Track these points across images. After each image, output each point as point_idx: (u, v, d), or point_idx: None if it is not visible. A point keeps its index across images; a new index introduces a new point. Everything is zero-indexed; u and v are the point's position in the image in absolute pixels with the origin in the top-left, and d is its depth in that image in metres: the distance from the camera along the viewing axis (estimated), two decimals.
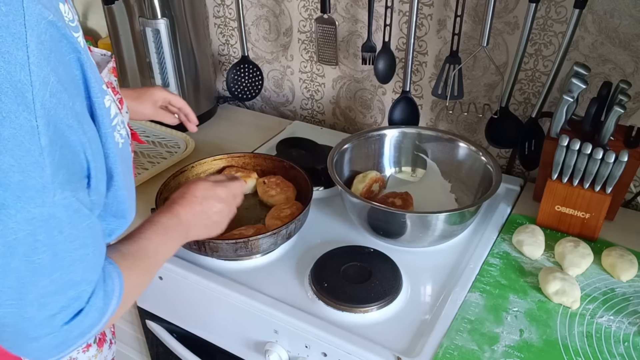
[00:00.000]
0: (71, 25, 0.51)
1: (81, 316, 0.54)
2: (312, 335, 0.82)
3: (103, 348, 0.81)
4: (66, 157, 0.50)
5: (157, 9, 1.22)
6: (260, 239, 0.88)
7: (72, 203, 0.51)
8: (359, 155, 1.12)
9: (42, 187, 0.47)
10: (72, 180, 0.51)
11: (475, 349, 0.77)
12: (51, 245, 0.50)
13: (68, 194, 0.50)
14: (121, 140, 0.61)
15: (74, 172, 0.51)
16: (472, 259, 0.94)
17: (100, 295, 0.56)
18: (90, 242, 0.54)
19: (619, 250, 0.92)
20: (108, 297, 0.57)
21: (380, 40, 1.17)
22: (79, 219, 0.52)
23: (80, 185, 0.53)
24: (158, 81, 1.30)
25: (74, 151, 0.51)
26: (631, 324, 0.81)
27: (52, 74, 0.47)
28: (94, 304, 0.55)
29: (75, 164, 0.51)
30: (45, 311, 0.51)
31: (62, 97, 0.48)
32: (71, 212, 0.51)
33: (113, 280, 0.58)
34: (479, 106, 1.20)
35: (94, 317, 0.55)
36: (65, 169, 0.50)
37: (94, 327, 0.56)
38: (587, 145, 0.89)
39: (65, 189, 0.50)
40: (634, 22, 0.97)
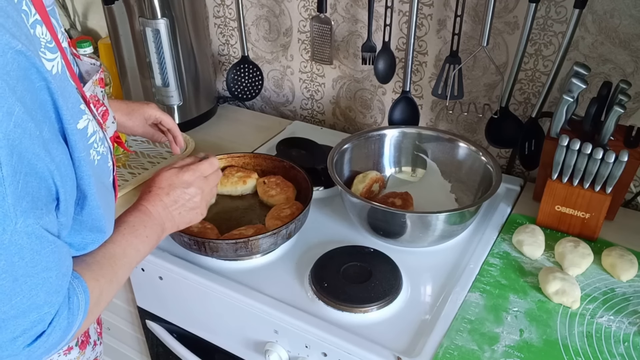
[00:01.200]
0: (49, 47, 0.52)
1: (44, 337, 0.54)
2: (312, 335, 0.82)
3: (85, 350, 0.80)
4: (31, 185, 0.49)
5: (157, 9, 1.22)
6: (260, 239, 0.88)
7: (35, 230, 0.50)
8: (359, 155, 1.12)
9: (3, 215, 0.47)
10: (37, 207, 0.51)
11: (475, 349, 0.77)
12: (11, 271, 0.49)
13: (31, 222, 0.50)
14: (97, 157, 0.61)
15: (39, 198, 0.51)
16: (472, 259, 0.94)
17: (64, 315, 0.55)
18: (53, 265, 0.53)
19: (619, 250, 0.92)
20: (73, 315, 0.56)
21: (380, 40, 1.17)
22: (42, 245, 0.52)
23: (47, 210, 0.53)
24: (158, 81, 1.31)
25: (40, 177, 0.51)
26: (631, 324, 0.81)
27: (18, 104, 0.46)
28: (58, 325, 0.55)
29: (42, 189, 0.51)
30: (6, 334, 0.51)
31: (28, 127, 0.48)
32: (34, 238, 0.50)
33: (78, 297, 0.57)
34: (479, 106, 1.20)
35: (57, 336, 0.55)
36: (30, 197, 0.49)
37: (59, 344, 0.56)
38: (587, 145, 0.89)
39: (29, 216, 0.49)
40: (634, 22, 0.97)
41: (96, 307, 0.62)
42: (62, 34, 0.59)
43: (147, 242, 0.72)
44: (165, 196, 0.76)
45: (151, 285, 1.01)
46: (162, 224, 0.75)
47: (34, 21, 0.51)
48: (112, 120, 0.71)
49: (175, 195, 0.77)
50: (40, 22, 0.52)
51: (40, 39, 0.51)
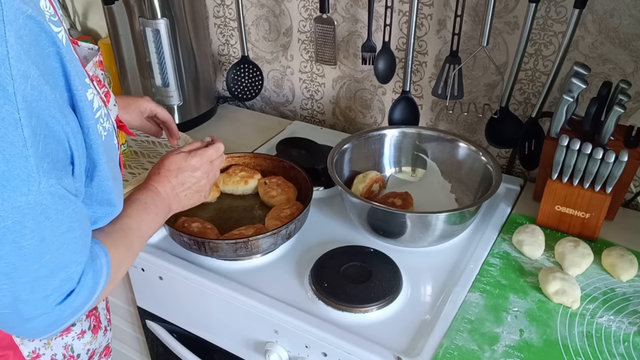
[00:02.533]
0: (53, 20, 0.52)
1: (73, 296, 0.56)
2: (312, 335, 0.82)
3: (98, 335, 0.81)
4: (50, 147, 0.51)
5: (157, 9, 1.22)
6: (260, 239, 0.88)
7: (57, 190, 0.52)
8: (359, 155, 1.12)
9: (27, 176, 0.49)
10: (57, 168, 0.53)
11: (476, 349, 0.77)
12: (39, 230, 0.51)
13: (53, 182, 0.52)
14: (104, 132, 0.62)
15: (58, 160, 0.53)
16: (472, 259, 0.94)
17: (90, 275, 0.58)
18: (77, 225, 0.56)
19: (619, 250, 0.92)
20: (97, 276, 0.59)
21: (380, 40, 1.17)
22: (65, 205, 0.54)
23: (65, 172, 0.55)
24: (158, 81, 1.31)
25: (58, 140, 0.52)
26: (631, 324, 0.81)
27: (33, 67, 0.48)
28: (85, 284, 0.57)
29: (60, 152, 0.53)
30: (38, 293, 0.54)
31: (43, 89, 0.49)
32: (57, 198, 0.52)
33: (100, 260, 0.60)
34: (479, 106, 1.20)
35: (85, 296, 0.58)
36: (50, 158, 0.51)
37: (86, 304, 0.59)
38: (587, 145, 0.89)
39: (51, 176, 0.51)
40: (634, 22, 0.97)
41: (116, 274, 0.64)
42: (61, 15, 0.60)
43: (156, 220, 0.76)
44: (174, 178, 0.80)
45: (151, 285, 1.01)
46: (169, 204, 0.79)
47: None
48: (113, 103, 0.72)
49: (182, 178, 0.81)
50: None
51: (45, 12, 0.52)
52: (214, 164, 0.86)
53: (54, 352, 0.74)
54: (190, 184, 0.82)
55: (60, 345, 0.75)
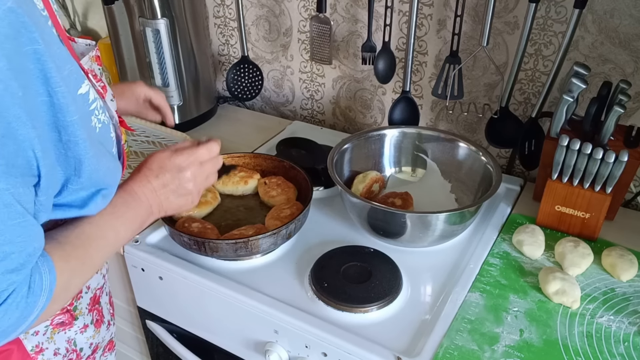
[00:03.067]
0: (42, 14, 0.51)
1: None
2: (312, 335, 0.82)
3: (100, 329, 0.81)
4: (7, 149, 0.48)
5: (157, 9, 1.22)
6: (260, 239, 0.88)
7: (4, 197, 0.48)
8: (359, 155, 1.12)
9: None
10: (12, 174, 0.49)
11: (476, 349, 0.77)
12: None
13: (2, 186, 0.48)
14: (99, 125, 0.60)
15: (14, 166, 0.49)
16: (472, 259, 0.94)
17: (22, 294, 0.52)
18: (18, 241, 0.50)
19: (619, 250, 0.92)
20: (34, 296, 0.53)
21: (380, 40, 1.17)
22: (9, 215, 0.49)
23: (23, 182, 0.50)
24: (158, 81, 1.31)
25: (18, 144, 0.48)
26: (631, 324, 0.81)
27: (3, 59, 0.46)
28: (14, 304, 0.52)
29: (19, 157, 0.49)
30: None
31: (10, 85, 0.47)
32: (2, 205, 0.48)
33: (42, 277, 0.54)
34: (479, 106, 1.20)
35: (13, 317, 0.52)
36: (5, 160, 0.48)
37: (16, 326, 0.53)
38: (587, 145, 0.89)
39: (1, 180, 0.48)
40: (634, 22, 0.97)
41: (65, 292, 0.59)
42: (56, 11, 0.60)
43: (128, 225, 0.69)
44: (154, 178, 0.72)
45: (151, 285, 1.01)
46: (149, 207, 0.72)
47: None
48: (110, 98, 0.69)
49: (164, 179, 0.73)
50: None
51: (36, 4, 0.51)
52: (204, 166, 0.77)
53: (57, 346, 0.73)
54: (175, 186, 0.74)
55: (63, 340, 0.74)
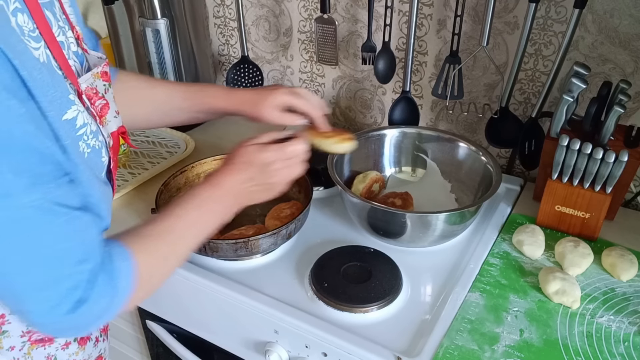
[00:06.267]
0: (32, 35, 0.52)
1: (87, 304, 0.55)
2: (312, 335, 0.82)
3: (86, 346, 0.79)
4: (30, 161, 0.50)
5: (157, 9, 1.23)
6: (260, 239, 0.88)
7: (42, 204, 0.51)
8: (359, 155, 1.12)
9: (6, 192, 0.49)
10: (42, 182, 0.51)
11: (476, 348, 0.77)
12: (28, 245, 0.51)
13: (37, 196, 0.51)
14: (87, 150, 0.61)
15: (43, 174, 0.52)
16: (472, 258, 0.94)
17: (103, 281, 0.56)
18: (73, 235, 0.54)
19: (619, 250, 0.92)
20: (115, 281, 0.57)
21: (380, 40, 1.17)
22: (55, 216, 0.53)
23: (56, 185, 0.53)
24: None
25: (39, 154, 0.51)
26: (631, 324, 0.81)
27: None
28: (99, 291, 0.56)
29: (46, 165, 0.52)
30: (44, 304, 0.53)
31: (10, 104, 0.48)
32: (43, 212, 0.51)
33: (120, 264, 0.58)
34: (479, 106, 1.20)
35: (102, 302, 0.56)
36: (30, 173, 0.50)
37: (108, 310, 0.58)
38: (587, 145, 0.89)
39: (32, 191, 0.50)
40: (634, 22, 0.97)
41: (149, 280, 0.62)
42: (59, 27, 0.59)
43: (215, 217, 0.71)
44: (241, 172, 0.73)
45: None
46: (234, 198, 0.73)
47: (14, 9, 0.51)
48: (114, 115, 0.70)
49: (250, 173, 0.73)
50: (21, 10, 0.52)
51: (23, 27, 0.52)
52: (290, 162, 0.77)
53: None
54: (260, 180, 0.74)
55: (42, 356, 0.72)
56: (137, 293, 0.60)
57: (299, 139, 0.78)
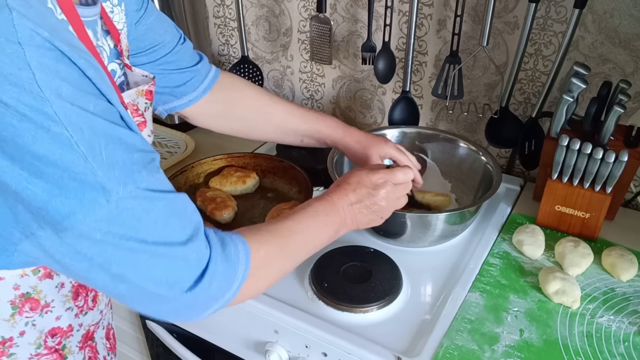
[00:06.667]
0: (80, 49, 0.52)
1: (204, 282, 0.56)
2: (312, 335, 0.82)
3: None
4: (116, 154, 0.50)
5: None
6: None
7: (139, 194, 0.51)
8: None
9: (101, 187, 0.49)
10: (134, 171, 0.52)
11: (476, 348, 0.77)
12: (134, 234, 0.51)
13: (131, 187, 0.51)
14: None
15: (133, 163, 0.52)
16: (472, 258, 0.94)
17: (219, 260, 0.57)
18: (173, 218, 0.55)
19: (619, 250, 0.92)
20: (230, 262, 0.58)
21: (380, 40, 1.17)
22: (152, 203, 0.53)
23: (147, 171, 0.53)
24: None
25: (124, 144, 0.51)
26: (631, 324, 0.81)
27: (64, 84, 0.46)
28: (214, 270, 0.56)
29: (133, 153, 0.52)
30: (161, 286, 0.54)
31: (85, 104, 0.48)
32: (141, 200, 0.52)
33: (235, 247, 0.59)
34: (479, 106, 1.20)
35: (219, 281, 0.57)
36: (120, 165, 0.50)
37: (225, 291, 0.58)
38: (587, 145, 0.89)
39: (127, 183, 0.50)
40: (634, 22, 0.97)
41: (264, 271, 0.63)
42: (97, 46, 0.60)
43: (325, 230, 0.72)
44: (352, 193, 0.76)
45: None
46: (343, 218, 0.75)
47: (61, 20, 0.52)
48: (148, 134, 0.70)
49: (361, 194, 0.76)
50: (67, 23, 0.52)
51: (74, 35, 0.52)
52: (397, 187, 0.79)
53: None
54: (369, 202, 0.76)
55: None
56: (252, 281, 0.61)
57: (405, 169, 0.81)
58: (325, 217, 0.72)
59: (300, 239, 0.69)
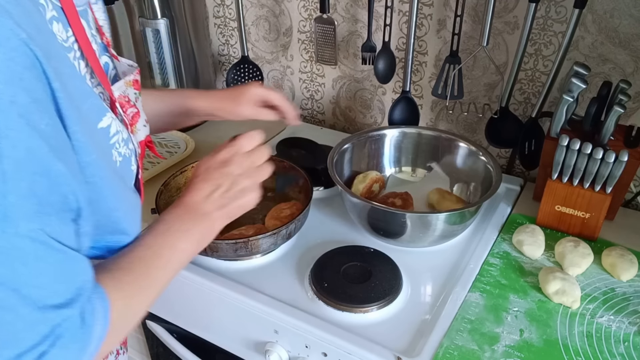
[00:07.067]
0: (63, 45, 0.50)
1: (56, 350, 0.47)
2: (312, 335, 0.82)
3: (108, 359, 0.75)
4: (40, 186, 0.45)
5: (157, 9, 1.23)
6: (260, 239, 0.88)
7: (39, 236, 0.45)
8: (359, 155, 1.12)
9: (3, 215, 0.43)
10: (45, 212, 0.46)
11: (476, 348, 0.77)
12: (12, 278, 0.44)
13: (35, 226, 0.45)
14: (119, 158, 0.58)
15: (49, 204, 0.46)
16: (472, 258, 0.94)
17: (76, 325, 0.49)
18: (62, 277, 0.48)
19: (619, 250, 0.92)
20: (87, 327, 0.50)
21: (380, 40, 1.17)
22: (48, 253, 0.46)
23: (58, 218, 0.48)
24: (158, 81, 1.31)
25: (52, 181, 0.46)
26: (631, 324, 0.81)
27: (23, 93, 0.43)
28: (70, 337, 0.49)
29: (54, 195, 0.47)
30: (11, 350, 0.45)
31: (35, 120, 0.44)
32: (38, 244, 0.45)
33: (93, 307, 0.51)
34: (479, 106, 1.20)
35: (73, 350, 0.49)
36: (37, 199, 0.45)
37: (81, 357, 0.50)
38: (587, 145, 0.89)
39: (33, 220, 0.45)
40: (634, 22, 0.97)
41: (121, 320, 0.56)
42: (92, 35, 0.59)
43: (187, 239, 0.66)
44: (204, 183, 0.69)
45: None
46: (207, 214, 0.68)
47: (51, 17, 0.49)
48: (143, 124, 0.67)
49: (214, 178, 0.69)
50: (57, 19, 0.50)
51: (56, 36, 0.50)
52: (250, 155, 0.72)
53: None
54: (228, 183, 0.69)
55: None
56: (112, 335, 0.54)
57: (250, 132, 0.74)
58: (180, 224, 0.65)
59: (160, 264, 0.62)
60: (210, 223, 0.69)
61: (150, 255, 0.62)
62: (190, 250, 0.67)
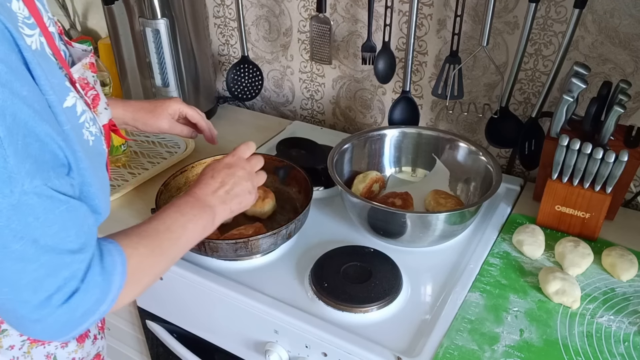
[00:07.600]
0: (26, 23, 0.52)
1: (79, 294, 0.55)
2: (312, 335, 0.82)
3: (84, 344, 0.79)
4: (32, 147, 0.50)
5: (157, 9, 1.22)
6: (260, 239, 0.88)
7: (44, 191, 0.51)
8: (359, 155, 1.12)
9: (8, 177, 0.48)
10: (43, 169, 0.51)
11: (476, 348, 0.77)
12: (28, 232, 0.50)
13: (38, 182, 0.50)
14: (91, 137, 0.61)
15: (44, 162, 0.51)
16: (472, 258, 0.94)
17: (96, 272, 0.56)
18: (71, 224, 0.54)
19: (619, 250, 0.92)
20: (107, 274, 0.57)
21: (380, 40, 1.17)
22: (54, 204, 0.52)
23: (55, 174, 0.53)
24: (158, 81, 1.31)
25: (41, 141, 0.51)
26: (631, 324, 0.81)
27: (1, 64, 0.46)
28: (92, 281, 0.55)
29: (46, 153, 0.52)
30: (40, 294, 0.52)
31: (16, 87, 0.48)
32: (44, 198, 0.51)
33: (112, 257, 0.58)
34: (479, 106, 1.20)
35: (95, 294, 0.56)
36: (33, 159, 0.50)
37: (100, 304, 0.57)
38: (587, 145, 0.89)
39: (35, 177, 0.50)
40: (634, 22, 0.97)
41: (137, 276, 0.62)
42: (49, 18, 0.60)
43: (195, 222, 0.72)
44: (211, 180, 0.77)
45: (152, 285, 1.01)
46: (211, 207, 0.75)
47: None
48: (104, 107, 0.70)
49: (219, 178, 0.78)
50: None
51: (17, 14, 0.51)
52: (250, 160, 0.83)
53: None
54: (231, 182, 0.78)
55: (42, 354, 0.73)
56: (129, 288, 0.60)
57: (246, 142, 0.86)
58: (191, 209, 0.72)
59: (170, 237, 0.68)
60: (213, 215, 0.76)
61: (164, 229, 0.68)
62: (196, 233, 0.73)
